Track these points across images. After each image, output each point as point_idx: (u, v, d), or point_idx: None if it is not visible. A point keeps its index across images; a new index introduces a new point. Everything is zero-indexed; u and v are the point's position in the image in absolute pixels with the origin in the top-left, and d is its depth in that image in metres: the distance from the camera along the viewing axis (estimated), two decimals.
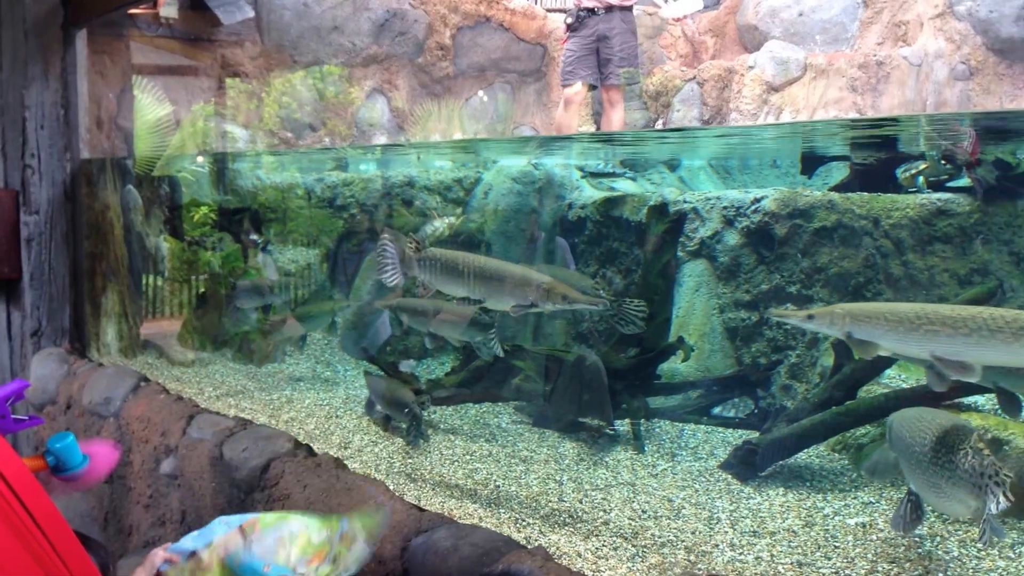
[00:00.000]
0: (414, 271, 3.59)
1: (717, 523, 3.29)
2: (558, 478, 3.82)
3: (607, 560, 2.93)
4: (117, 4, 5.89)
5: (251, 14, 8.51)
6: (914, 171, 4.94)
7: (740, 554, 2.99)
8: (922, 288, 4.71)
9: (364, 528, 2.56)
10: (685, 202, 5.34)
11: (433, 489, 3.71)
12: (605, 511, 3.41)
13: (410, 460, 4.10)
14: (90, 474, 2.45)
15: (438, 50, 9.64)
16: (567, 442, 4.35)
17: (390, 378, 4.93)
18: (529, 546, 2.81)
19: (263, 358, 6.03)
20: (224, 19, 8.20)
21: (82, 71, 6.00)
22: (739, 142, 6.55)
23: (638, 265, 5.08)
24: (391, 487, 3.41)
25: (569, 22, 6.98)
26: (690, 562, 2.93)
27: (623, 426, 4.45)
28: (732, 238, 5.01)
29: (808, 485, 3.70)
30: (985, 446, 2.57)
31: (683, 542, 3.10)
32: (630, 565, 2.90)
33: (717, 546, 3.07)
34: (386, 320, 5.85)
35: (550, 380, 4.65)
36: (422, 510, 3.12)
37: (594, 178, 6.81)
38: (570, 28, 6.97)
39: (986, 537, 2.41)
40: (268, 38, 8.92)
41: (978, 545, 2.99)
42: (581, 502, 3.53)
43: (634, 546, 3.06)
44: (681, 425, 4.57)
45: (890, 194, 4.92)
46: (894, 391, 3.83)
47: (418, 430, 4.33)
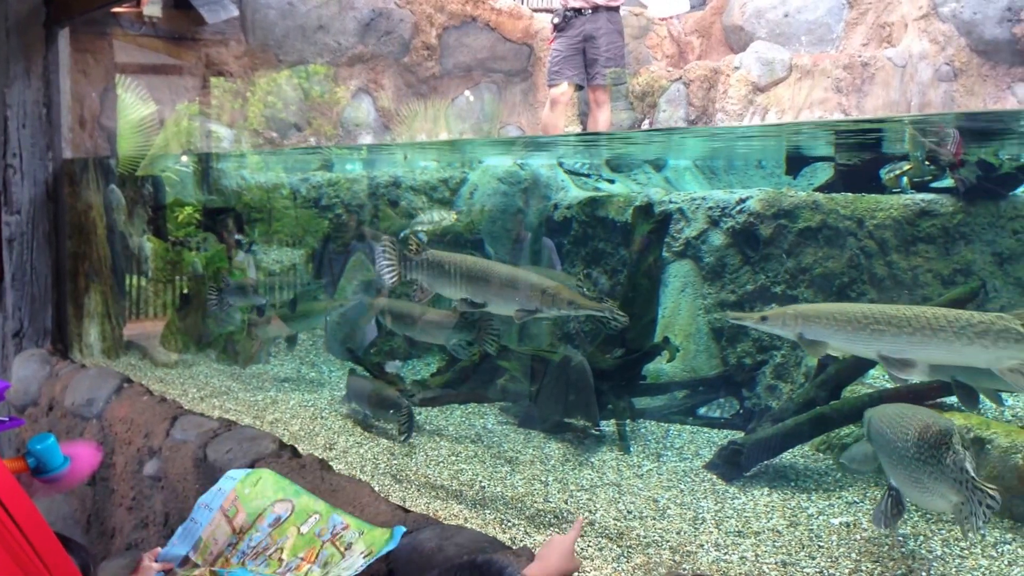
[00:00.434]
0: (413, 273, 3.54)
1: (702, 523, 3.30)
2: (544, 479, 3.82)
3: (592, 560, 2.92)
4: (100, 3, 5.86)
5: (235, 13, 8.46)
6: (898, 172, 4.96)
7: (725, 554, 3.00)
8: (906, 288, 4.74)
9: (367, 543, 2.52)
10: (671, 202, 5.35)
11: (418, 490, 3.70)
12: (591, 511, 3.41)
13: (395, 461, 4.09)
14: (71, 476, 2.43)
15: (424, 50, 9.62)
16: (553, 443, 4.35)
17: (375, 379, 4.92)
18: (514, 547, 2.81)
19: (247, 359, 6.00)
20: (208, 18, 8.16)
21: (64, 70, 5.95)
22: (725, 143, 6.57)
23: (624, 265, 5.08)
24: (376, 488, 3.41)
25: (556, 22, 6.97)
26: (675, 562, 2.93)
27: (609, 427, 4.45)
28: (717, 238, 5.02)
29: (793, 485, 3.72)
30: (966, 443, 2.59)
31: (668, 542, 3.10)
32: (615, 565, 2.90)
33: (702, 546, 3.07)
34: (372, 321, 5.84)
35: (536, 381, 4.65)
36: (407, 511, 3.11)
37: (572, 175, 6.82)
38: (556, 28, 6.96)
39: (971, 525, 2.42)
40: (253, 37, 8.87)
41: (961, 544, 3.01)
42: (567, 503, 3.53)
43: (619, 546, 3.06)
44: (667, 425, 4.58)
45: (874, 195, 4.95)
46: (878, 391, 3.85)
47: (410, 426, 4.32)
